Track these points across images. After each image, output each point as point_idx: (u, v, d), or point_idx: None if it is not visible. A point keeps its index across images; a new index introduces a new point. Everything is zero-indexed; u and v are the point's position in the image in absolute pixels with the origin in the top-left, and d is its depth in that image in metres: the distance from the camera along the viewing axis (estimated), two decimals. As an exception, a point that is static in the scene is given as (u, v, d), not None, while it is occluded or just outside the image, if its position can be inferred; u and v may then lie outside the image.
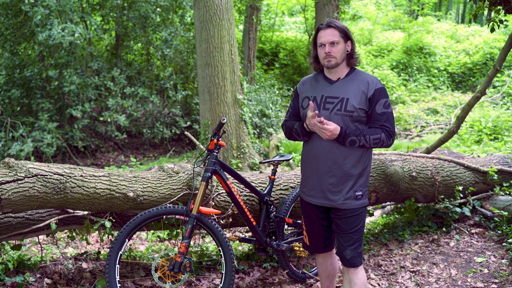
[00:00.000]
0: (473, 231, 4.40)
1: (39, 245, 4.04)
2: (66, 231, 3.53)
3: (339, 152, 2.60)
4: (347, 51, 2.64)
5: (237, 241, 3.44)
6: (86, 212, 3.32)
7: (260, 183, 3.67)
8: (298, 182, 3.78)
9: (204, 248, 4.08)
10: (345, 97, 2.59)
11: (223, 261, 2.93)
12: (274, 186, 3.63)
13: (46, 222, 3.21)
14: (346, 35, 2.62)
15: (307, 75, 2.92)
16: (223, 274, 2.91)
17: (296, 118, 2.84)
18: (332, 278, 2.99)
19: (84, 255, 3.65)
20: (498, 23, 4.27)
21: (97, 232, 3.82)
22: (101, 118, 9.44)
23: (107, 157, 9.95)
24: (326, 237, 2.84)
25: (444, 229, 4.47)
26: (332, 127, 2.53)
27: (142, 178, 3.22)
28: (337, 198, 2.63)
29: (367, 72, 2.69)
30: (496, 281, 3.47)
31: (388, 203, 4.75)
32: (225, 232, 3.76)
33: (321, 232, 2.82)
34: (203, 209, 2.93)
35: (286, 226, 3.52)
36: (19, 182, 2.76)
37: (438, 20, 21.35)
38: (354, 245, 2.65)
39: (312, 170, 2.70)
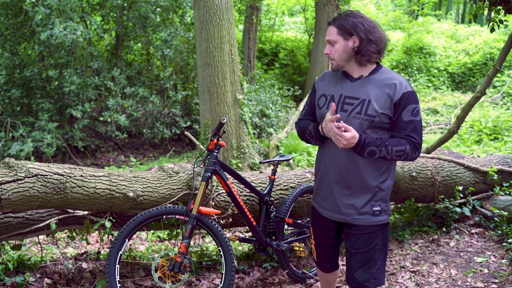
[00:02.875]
0: (473, 231, 4.40)
1: (39, 245, 4.04)
2: (66, 231, 3.53)
3: (356, 160, 2.32)
4: (354, 48, 2.30)
5: (237, 241, 3.44)
6: (86, 212, 3.32)
7: (260, 183, 3.67)
8: (298, 182, 3.78)
9: (204, 248, 4.08)
10: (366, 99, 2.28)
11: (223, 261, 2.93)
12: (274, 186, 3.63)
13: (46, 222, 3.21)
14: (347, 32, 2.30)
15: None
16: (223, 274, 2.91)
17: (312, 117, 2.56)
18: (332, 282, 2.90)
19: (84, 255, 3.65)
20: (498, 23, 4.27)
21: (97, 232, 3.83)
22: (101, 118, 9.44)
23: (107, 157, 9.95)
24: (334, 254, 2.62)
25: (444, 229, 4.47)
26: (349, 135, 2.22)
27: (142, 178, 3.22)
28: (350, 212, 2.35)
29: (395, 72, 2.35)
30: (496, 281, 3.47)
31: (388, 203, 4.75)
32: (225, 232, 3.76)
33: (328, 248, 2.59)
34: (203, 209, 2.92)
35: (286, 226, 3.52)
36: (19, 182, 2.75)
37: (438, 20, 21.35)
38: (367, 265, 2.33)
39: (325, 179, 2.43)
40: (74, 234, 3.49)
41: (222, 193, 3.44)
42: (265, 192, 3.37)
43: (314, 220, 2.60)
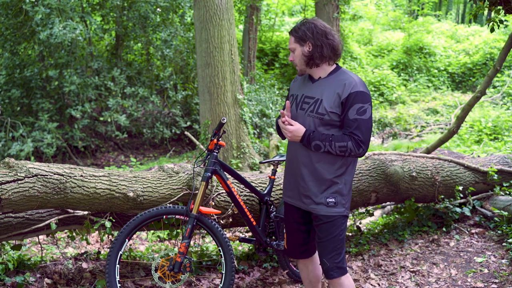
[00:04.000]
0: (473, 231, 4.40)
1: (39, 245, 4.04)
2: (66, 231, 3.53)
3: (308, 155, 2.53)
4: (309, 52, 2.52)
5: (237, 241, 3.44)
6: (86, 212, 3.32)
7: (260, 183, 3.67)
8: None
9: (204, 248, 4.08)
10: (319, 98, 2.50)
11: (223, 261, 2.93)
12: (274, 186, 3.63)
13: (46, 222, 3.21)
14: (302, 39, 2.51)
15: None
16: (223, 274, 2.91)
17: None
18: (315, 284, 2.92)
19: (84, 255, 3.65)
20: (498, 23, 4.27)
21: (97, 232, 3.83)
22: (101, 118, 9.44)
23: (107, 157, 9.95)
24: (302, 243, 2.76)
25: (444, 229, 4.47)
26: (292, 128, 2.48)
27: (142, 178, 3.22)
28: (308, 202, 2.56)
29: (352, 73, 2.54)
30: (496, 281, 3.47)
31: (388, 203, 4.75)
32: (225, 232, 3.76)
33: (297, 236, 2.76)
34: (203, 209, 2.93)
35: (286, 226, 3.52)
36: (19, 182, 2.75)
37: (438, 20, 21.36)
38: (330, 255, 2.54)
39: (288, 171, 2.68)
40: (74, 234, 3.49)
41: (222, 193, 3.44)
42: (265, 192, 3.37)
43: (285, 210, 2.80)
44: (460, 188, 4.42)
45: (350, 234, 4.60)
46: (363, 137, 2.43)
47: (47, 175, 2.84)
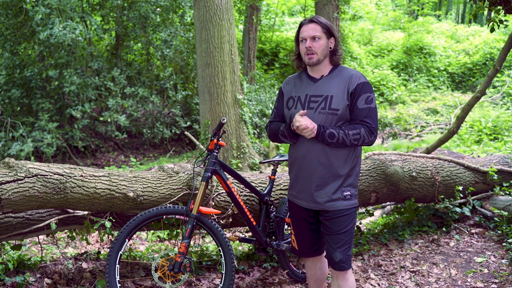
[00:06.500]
0: (473, 231, 4.40)
1: (39, 245, 4.04)
2: (66, 231, 3.53)
3: (324, 152, 2.53)
4: (330, 48, 2.59)
5: (237, 241, 3.44)
6: (86, 212, 3.32)
7: (260, 183, 3.67)
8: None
9: (204, 248, 4.08)
10: (329, 95, 2.53)
11: (223, 261, 2.93)
12: (274, 186, 3.63)
13: (46, 222, 3.21)
14: (329, 31, 2.57)
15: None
16: (223, 274, 2.91)
17: (281, 118, 2.77)
18: (321, 283, 2.93)
19: (84, 255, 3.65)
20: (498, 23, 4.28)
21: (97, 232, 3.83)
22: (101, 118, 9.44)
23: (107, 157, 9.95)
24: (315, 241, 2.76)
25: (444, 229, 4.47)
26: (309, 123, 2.47)
27: (142, 178, 3.22)
28: (324, 200, 2.56)
29: (351, 68, 2.63)
30: (496, 281, 3.47)
31: (388, 203, 4.75)
32: (225, 232, 3.76)
33: (309, 236, 2.75)
34: (203, 209, 2.92)
35: (286, 226, 3.52)
36: (19, 182, 2.75)
37: (439, 20, 21.36)
38: (343, 247, 2.56)
39: (299, 172, 2.63)
40: (74, 234, 3.49)
41: (222, 193, 3.44)
42: (265, 192, 3.37)
43: (291, 212, 2.78)
44: (460, 188, 4.42)
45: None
46: (374, 124, 2.52)
47: (47, 175, 2.84)
